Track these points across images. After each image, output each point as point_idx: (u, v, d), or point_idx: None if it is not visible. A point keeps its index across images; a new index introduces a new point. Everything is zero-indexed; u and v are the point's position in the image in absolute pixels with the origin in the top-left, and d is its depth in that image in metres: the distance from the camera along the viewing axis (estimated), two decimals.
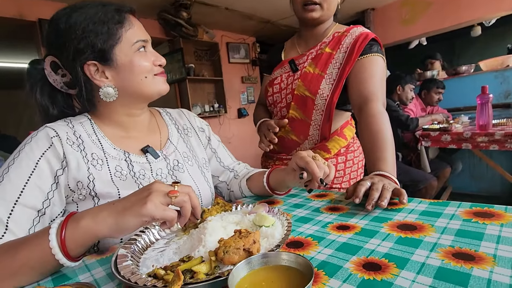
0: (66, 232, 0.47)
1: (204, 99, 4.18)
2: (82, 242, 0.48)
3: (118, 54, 0.66)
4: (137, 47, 0.68)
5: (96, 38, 0.63)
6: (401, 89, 2.67)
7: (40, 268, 0.48)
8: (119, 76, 0.67)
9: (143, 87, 0.69)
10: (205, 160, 0.90)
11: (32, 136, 0.63)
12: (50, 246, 0.46)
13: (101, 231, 0.48)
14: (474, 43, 4.39)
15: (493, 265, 0.38)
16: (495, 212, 0.54)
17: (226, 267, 0.43)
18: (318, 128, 1.06)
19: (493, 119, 2.17)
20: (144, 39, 0.69)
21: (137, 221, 0.48)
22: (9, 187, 0.56)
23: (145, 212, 0.47)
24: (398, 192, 0.65)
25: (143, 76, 0.68)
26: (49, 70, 0.67)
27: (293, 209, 0.71)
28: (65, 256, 0.47)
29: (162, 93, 0.74)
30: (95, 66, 0.65)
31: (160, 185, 0.50)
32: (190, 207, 0.52)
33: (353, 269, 0.42)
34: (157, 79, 0.72)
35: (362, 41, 0.98)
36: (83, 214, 0.50)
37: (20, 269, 0.47)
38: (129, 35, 0.67)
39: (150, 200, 0.47)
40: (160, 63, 0.72)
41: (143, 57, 0.69)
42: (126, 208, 0.48)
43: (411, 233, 0.50)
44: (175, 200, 0.49)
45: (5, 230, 0.54)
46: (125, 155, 0.71)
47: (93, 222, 0.48)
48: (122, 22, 0.66)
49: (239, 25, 4.04)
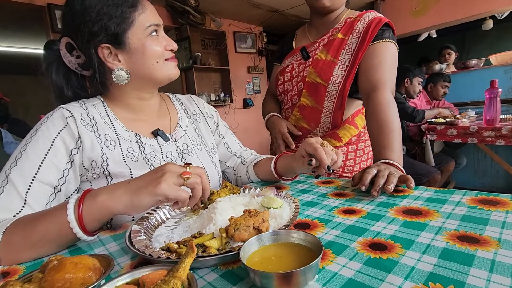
0: (83, 206, 0.49)
1: (210, 88, 4.18)
2: (98, 217, 0.50)
3: (131, 38, 0.66)
4: (150, 31, 0.68)
5: (110, 21, 0.64)
6: (409, 82, 2.65)
7: (57, 241, 0.50)
8: (131, 59, 0.68)
9: (154, 71, 0.70)
10: (213, 145, 0.91)
11: (48, 116, 0.65)
12: (68, 220, 0.48)
13: (116, 207, 0.50)
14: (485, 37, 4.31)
15: (497, 248, 0.39)
16: (500, 200, 0.55)
17: (236, 243, 0.45)
18: (330, 115, 1.05)
19: (501, 114, 2.15)
20: (157, 23, 0.70)
21: (151, 200, 0.49)
22: (27, 164, 0.58)
23: (159, 191, 0.48)
24: (405, 178, 0.66)
25: (154, 61, 0.69)
26: (64, 51, 0.68)
27: (299, 194, 0.73)
28: (81, 230, 0.49)
29: (173, 78, 0.75)
30: (109, 49, 0.67)
31: (174, 166, 0.52)
32: (201, 189, 0.54)
33: (359, 248, 0.43)
34: (168, 64, 0.72)
35: (375, 26, 0.96)
36: (100, 190, 0.51)
37: (39, 241, 0.49)
38: (142, 19, 0.67)
39: (164, 180, 0.49)
40: (172, 47, 0.73)
41: (155, 41, 0.69)
42: (141, 187, 0.50)
43: (416, 217, 0.51)
44: (188, 181, 0.51)
45: (23, 204, 0.56)
46: (136, 137, 0.73)
47: (109, 198, 0.50)
48: (136, 6, 0.66)
49: (247, 14, 4.00)
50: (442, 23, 3.44)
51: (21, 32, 3.73)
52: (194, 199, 0.54)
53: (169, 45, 0.72)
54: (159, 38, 0.71)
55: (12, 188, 0.56)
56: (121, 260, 0.47)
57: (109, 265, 0.40)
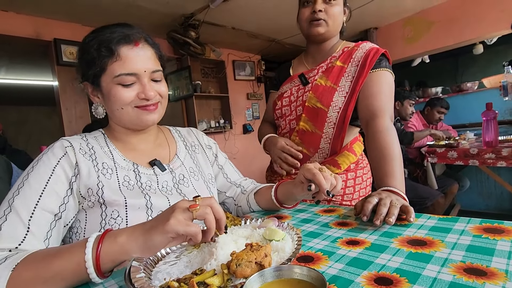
0: (102, 246, 0.49)
1: (210, 115, 4.24)
2: (114, 258, 0.50)
3: (103, 81, 0.70)
4: (118, 80, 0.68)
5: (86, 63, 0.70)
6: (400, 105, 2.70)
7: (70, 280, 0.49)
8: (104, 101, 0.73)
9: (120, 116, 0.72)
10: (211, 176, 0.92)
11: (49, 147, 0.68)
12: (85, 259, 0.48)
13: (133, 248, 0.50)
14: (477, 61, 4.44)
15: (505, 281, 0.38)
16: (505, 228, 0.54)
17: (238, 280, 0.43)
18: (329, 141, 1.06)
19: (500, 135, 2.17)
20: (129, 72, 0.68)
21: (163, 239, 0.49)
22: (29, 192, 0.60)
23: (168, 228, 0.48)
24: (406, 210, 0.65)
25: (119, 107, 0.70)
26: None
27: (301, 224, 0.72)
28: (96, 270, 0.48)
29: (145, 124, 0.74)
30: (91, 87, 0.73)
31: (183, 202, 0.52)
32: (212, 219, 0.52)
33: (364, 283, 0.42)
34: (138, 111, 0.71)
35: (374, 55, 1.00)
36: (120, 231, 0.52)
37: (51, 279, 0.48)
38: (114, 67, 0.68)
39: (173, 217, 0.49)
40: (145, 96, 0.70)
41: (123, 89, 0.69)
42: (153, 226, 0.50)
43: (421, 248, 0.51)
44: (197, 214, 0.50)
45: (26, 232, 0.57)
46: (133, 166, 0.75)
47: (128, 239, 0.50)
48: (110, 55, 0.67)
49: (245, 43, 4.15)
50: (434, 49, 3.56)
51: (27, 65, 3.86)
52: (209, 231, 0.53)
53: (144, 93, 0.70)
54: (132, 87, 0.69)
55: (15, 216, 0.57)
56: None
57: None
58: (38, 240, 0.58)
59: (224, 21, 3.32)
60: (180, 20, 3.12)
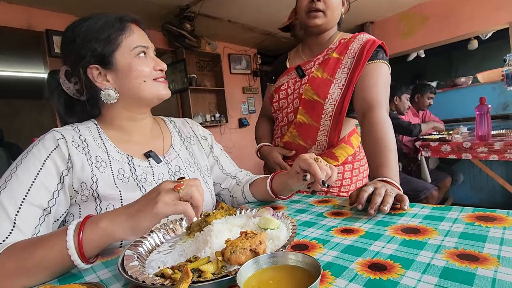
0: (84, 233, 0.48)
1: (206, 109, 4.21)
2: (98, 243, 0.49)
3: (118, 58, 0.69)
4: (137, 52, 0.71)
5: (96, 43, 0.68)
6: (398, 100, 2.71)
7: (54, 268, 0.48)
8: (118, 79, 0.71)
9: (141, 90, 0.72)
10: (207, 167, 0.91)
11: (40, 139, 0.65)
12: (67, 246, 0.47)
13: (117, 232, 0.50)
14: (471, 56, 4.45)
15: (497, 265, 0.38)
16: (497, 216, 0.55)
17: (232, 267, 0.43)
18: (326, 134, 1.06)
19: (492, 130, 2.19)
20: (144, 45, 0.72)
21: (150, 222, 0.49)
22: (17, 186, 0.57)
23: (157, 211, 0.48)
24: (400, 198, 0.66)
25: (141, 80, 0.71)
26: (63, 78, 0.71)
27: (296, 214, 0.72)
28: (80, 257, 0.48)
29: (162, 98, 0.76)
30: (98, 70, 0.69)
31: (167, 184, 0.52)
32: (199, 196, 0.52)
33: (359, 269, 0.42)
34: (157, 84, 0.74)
35: (370, 46, 0.99)
36: (101, 216, 0.51)
37: (34, 268, 0.47)
38: (129, 41, 0.70)
39: (160, 200, 0.49)
40: (161, 67, 0.75)
41: (142, 61, 0.72)
42: (139, 210, 0.50)
43: (415, 236, 0.51)
44: (182, 193, 0.51)
45: (12, 228, 0.55)
46: (128, 159, 0.73)
47: (111, 224, 0.50)
48: (123, 30, 0.70)
49: (241, 37, 4.11)
50: (429, 43, 3.57)
51: (19, 56, 3.78)
52: (197, 209, 0.53)
53: (158, 65, 0.74)
54: (147, 59, 0.73)
55: (1, 210, 0.55)
56: None
57: None
58: (25, 236, 0.56)
59: (220, 14, 3.28)
60: (175, 12, 3.07)
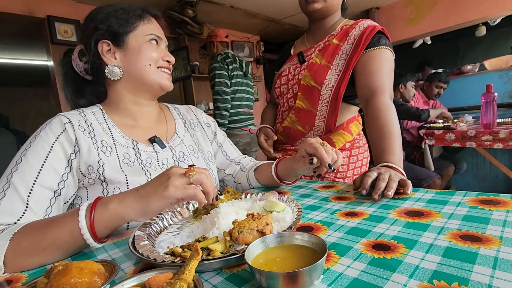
0: (95, 213, 0.50)
1: (209, 97, 4.18)
2: (109, 224, 0.51)
3: (130, 39, 0.73)
4: (149, 38, 0.74)
5: (114, 21, 0.72)
6: (404, 87, 2.69)
7: (67, 247, 0.50)
8: (126, 58, 0.73)
9: (145, 73, 0.74)
10: (210, 153, 0.92)
11: (47, 123, 0.67)
12: (79, 226, 0.49)
13: (127, 213, 0.51)
14: (479, 43, 4.37)
15: (500, 245, 0.39)
16: (501, 200, 0.56)
17: (240, 246, 0.45)
18: (324, 119, 1.07)
19: (498, 118, 2.17)
20: (158, 35, 0.76)
21: (161, 204, 0.51)
22: (28, 168, 0.59)
23: (167, 194, 0.50)
24: (404, 183, 0.66)
25: (147, 63, 0.73)
26: (75, 56, 0.75)
27: (301, 198, 0.73)
28: (92, 237, 0.49)
29: (164, 88, 0.78)
30: (108, 46, 0.72)
31: (178, 169, 0.53)
32: (209, 182, 0.54)
33: (363, 249, 0.43)
34: (161, 72, 0.76)
35: (369, 33, 0.98)
36: (111, 198, 0.52)
37: (48, 247, 0.49)
38: (145, 28, 0.74)
39: (171, 183, 0.50)
40: (168, 59, 0.78)
41: (152, 48, 0.75)
42: (150, 193, 0.51)
43: (418, 218, 0.52)
44: (193, 178, 0.52)
45: (25, 208, 0.57)
46: (133, 144, 0.74)
47: (121, 205, 0.51)
48: (142, 17, 0.75)
49: (244, 23, 4.05)
50: (436, 30, 3.50)
51: (20, 43, 3.76)
52: (208, 195, 0.54)
53: (167, 56, 0.77)
54: (158, 48, 0.76)
55: (14, 192, 0.57)
56: (125, 266, 0.47)
57: (114, 270, 0.40)
58: (37, 216, 0.58)
59: None
60: None
